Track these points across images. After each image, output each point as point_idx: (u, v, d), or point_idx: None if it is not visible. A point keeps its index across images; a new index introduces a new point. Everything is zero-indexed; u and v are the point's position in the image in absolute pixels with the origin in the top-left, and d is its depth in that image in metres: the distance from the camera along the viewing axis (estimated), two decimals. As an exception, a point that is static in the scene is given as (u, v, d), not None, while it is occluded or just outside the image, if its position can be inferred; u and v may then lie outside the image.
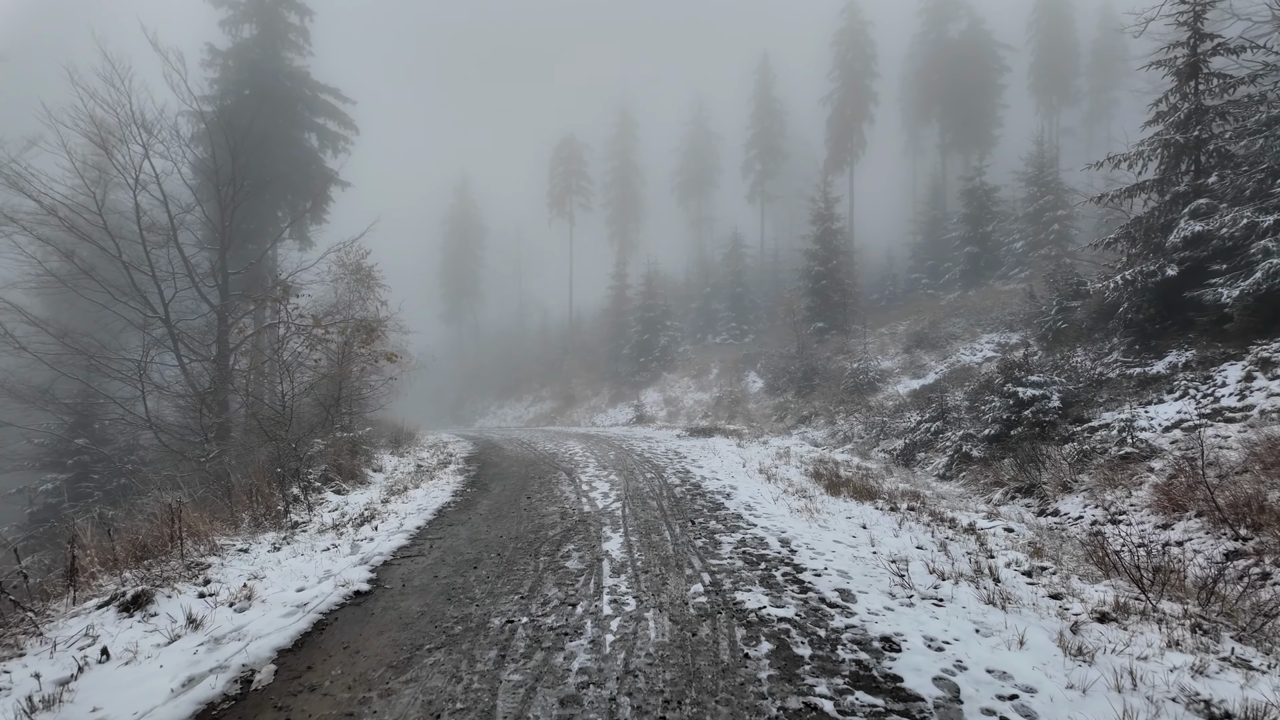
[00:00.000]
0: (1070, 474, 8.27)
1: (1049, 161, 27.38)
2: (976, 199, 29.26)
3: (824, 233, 29.81)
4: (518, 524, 7.15)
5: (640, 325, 36.67)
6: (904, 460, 12.20)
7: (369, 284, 21.43)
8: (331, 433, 11.43)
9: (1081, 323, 13.58)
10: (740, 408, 24.07)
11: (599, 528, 6.74)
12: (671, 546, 5.86)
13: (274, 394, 13.09)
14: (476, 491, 9.50)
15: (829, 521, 6.79)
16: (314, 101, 28.41)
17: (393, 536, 6.71)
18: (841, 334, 27.93)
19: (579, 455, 13.34)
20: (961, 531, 6.54)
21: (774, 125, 47.19)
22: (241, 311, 17.39)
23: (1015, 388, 10.75)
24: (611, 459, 12.45)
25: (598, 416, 32.43)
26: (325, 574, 5.51)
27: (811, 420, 18.05)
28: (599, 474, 10.51)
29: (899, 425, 14.36)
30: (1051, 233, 25.47)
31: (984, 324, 20.01)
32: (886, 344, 22.94)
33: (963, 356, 18.67)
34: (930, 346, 20.33)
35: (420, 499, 8.96)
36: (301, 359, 11.81)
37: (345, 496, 9.48)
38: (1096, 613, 4.29)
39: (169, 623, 4.35)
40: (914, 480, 10.53)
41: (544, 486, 9.61)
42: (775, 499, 8.02)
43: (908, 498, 8.20)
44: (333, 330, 11.68)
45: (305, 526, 7.97)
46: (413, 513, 8.04)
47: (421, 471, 11.43)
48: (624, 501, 8.09)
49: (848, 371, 20.23)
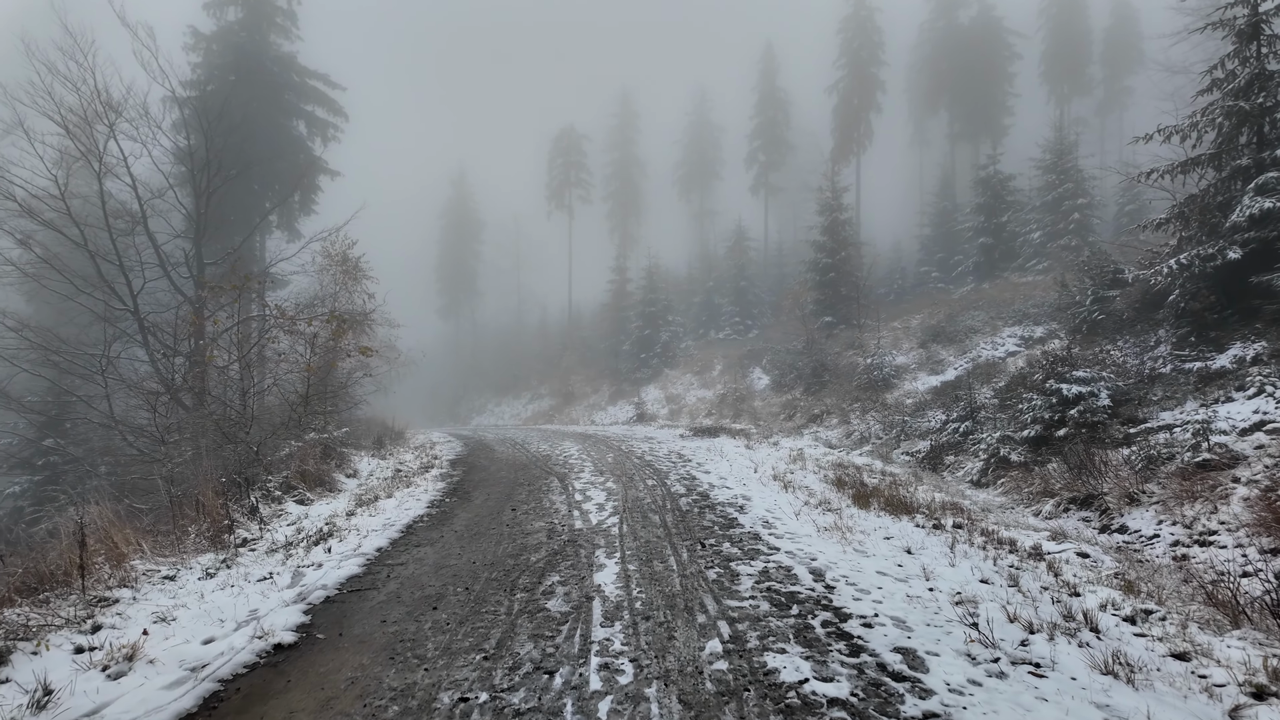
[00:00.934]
0: (1135, 483, 7.16)
1: (1068, 148, 26.19)
2: (990, 188, 28.08)
3: (832, 223, 28.64)
4: (496, 545, 6.07)
5: (641, 320, 35.55)
6: (931, 464, 11.11)
7: (356, 275, 20.37)
8: (302, 434, 10.35)
9: (1121, 313, 12.46)
10: (746, 405, 22.97)
11: (591, 551, 5.65)
12: (678, 579, 4.77)
13: (242, 391, 12.04)
14: (456, 502, 8.42)
15: (866, 544, 5.70)
16: (302, 87, 27.32)
17: (345, 562, 5.62)
18: (850, 328, 26.81)
19: (574, 458, 12.26)
20: (1026, 557, 5.44)
21: (778, 116, 45.95)
22: (217, 304, 16.34)
23: (1058, 384, 9.65)
24: (609, 462, 11.37)
25: (597, 414, 31.35)
26: (249, 615, 4.42)
27: (823, 419, 16.95)
28: (595, 480, 9.42)
29: (921, 425, 13.26)
30: (1071, 222, 24.32)
31: (1005, 317, 18.89)
32: (900, 338, 21.82)
33: (984, 351, 17.55)
34: (948, 341, 19.22)
35: (391, 511, 7.88)
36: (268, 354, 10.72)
37: (308, 508, 8.40)
38: (1249, 686, 3.20)
39: (9, 699, 3.26)
40: (946, 487, 9.44)
41: (533, 496, 8.53)
42: (797, 513, 6.93)
43: (950, 511, 7.11)
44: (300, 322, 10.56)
45: (255, 544, 6.90)
46: (378, 529, 6.96)
47: (399, 478, 10.35)
48: (622, 516, 7.00)
49: (860, 367, 19.12)
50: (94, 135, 14.01)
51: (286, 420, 10.30)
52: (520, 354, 49.36)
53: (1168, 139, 10.64)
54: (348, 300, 20.13)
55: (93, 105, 13.80)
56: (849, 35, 40.96)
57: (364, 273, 20.28)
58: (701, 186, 52.05)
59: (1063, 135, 26.90)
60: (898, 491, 8.07)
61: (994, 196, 28.09)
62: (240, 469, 9.02)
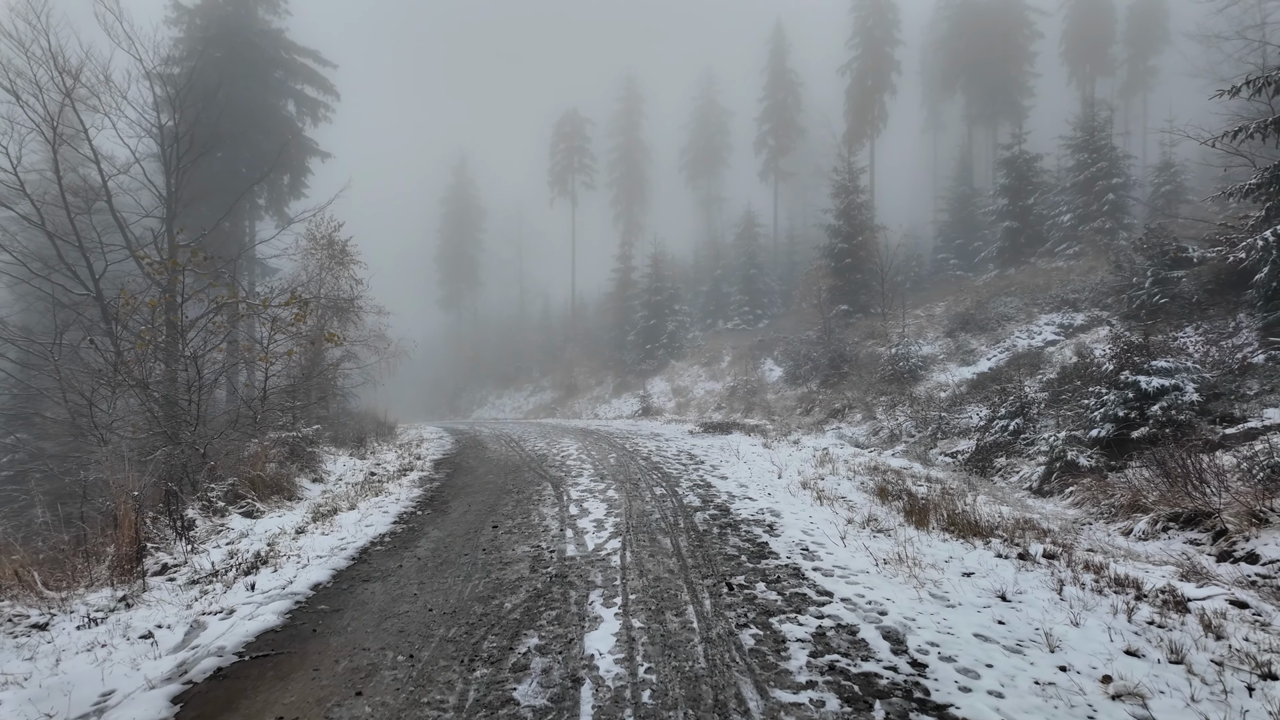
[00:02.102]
0: (1259, 498, 5.80)
1: (1101, 125, 24.59)
2: (1016, 169, 26.48)
3: (848, 206, 27.17)
4: (465, 581, 4.75)
5: (646, 310, 34.15)
6: (978, 467, 9.74)
7: (342, 259, 19.09)
8: (260, 433, 9.06)
9: (1191, 296, 11.04)
10: (758, 399, 21.61)
11: (585, 594, 4.33)
12: (701, 647, 3.44)
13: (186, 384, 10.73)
14: (430, 515, 7.11)
15: (944, 584, 4.36)
16: (291, 65, 25.97)
17: (265, 608, 4.31)
18: (869, 317, 25.39)
19: (573, 458, 10.95)
20: (1163, 606, 4.08)
21: (789, 98, 44.30)
22: (188, 289, 15.06)
23: (1135, 376, 8.26)
24: (612, 464, 10.05)
25: (600, 408, 30.05)
26: (94, 706, 3.13)
27: (845, 414, 15.57)
28: (594, 487, 8.11)
29: (960, 422, 11.89)
30: (1105, 203, 22.78)
31: (1041, 303, 17.44)
32: (924, 327, 20.40)
33: (1019, 340, 16.13)
34: (978, 329, 17.79)
35: (349, 529, 6.57)
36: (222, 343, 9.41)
37: (256, 522, 7.11)
38: None
39: None
40: (1004, 497, 8.09)
41: (521, 508, 7.22)
42: (842, 536, 5.59)
43: (1029, 532, 5.76)
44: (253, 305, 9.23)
45: (176, 572, 5.63)
46: (324, 555, 5.65)
47: (371, 483, 9.06)
48: (625, 538, 5.68)
49: (884, 358, 17.73)
50: (46, 103, 12.71)
51: (238, 418, 8.99)
52: (522, 345, 48.08)
53: (1258, 91, 9.16)
54: (334, 286, 18.86)
55: (46, 69, 12.50)
56: (863, 14, 39.22)
57: (351, 257, 19.00)
58: (708, 172, 50.50)
59: (1094, 112, 25.27)
60: (955, 505, 6.72)
61: (1019, 178, 26.51)
62: (180, 475, 7.74)
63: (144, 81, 17.07)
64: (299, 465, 9.94)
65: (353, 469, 10.66)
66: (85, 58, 13.27)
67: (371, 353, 19.53)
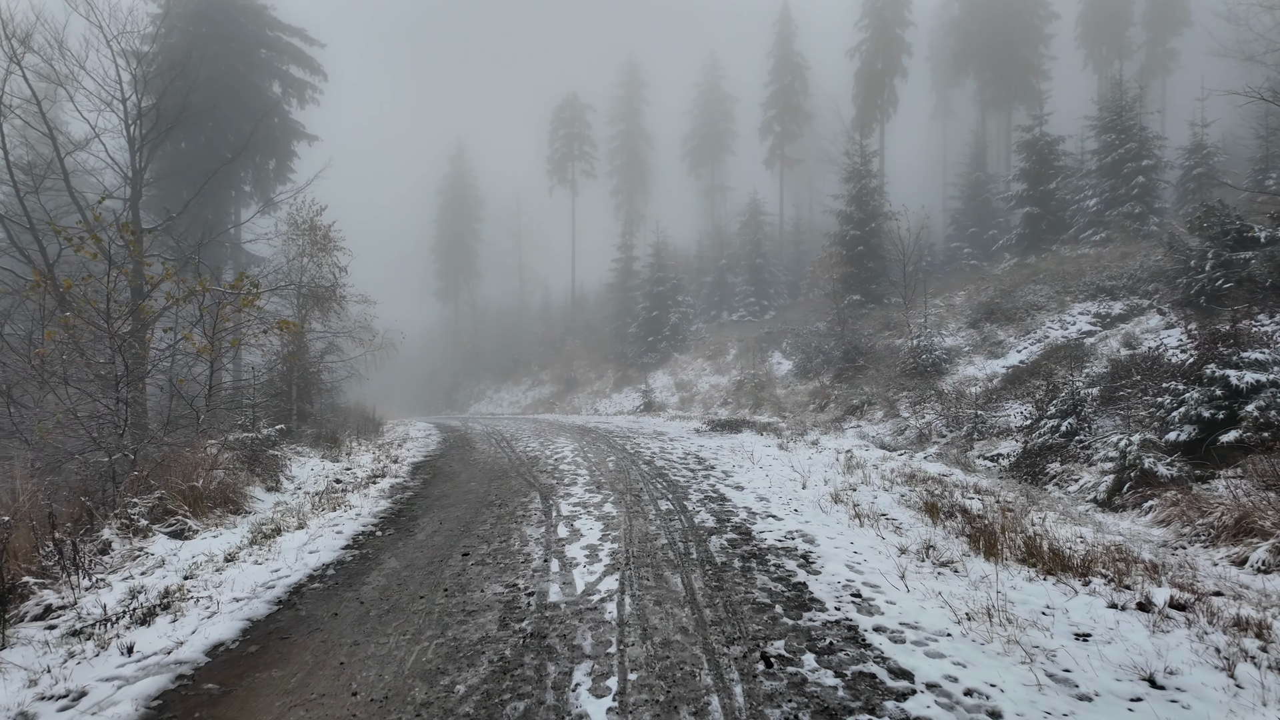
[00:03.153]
0: None
1: (1129, 104, 23.24)
2: (1037, 152, 25.17)
3: (859, 191, 25.92)
4: (411, 644, 3.58)
5: (648, 301, 32.93)
6: (1027, 473, 8.53)
7: (326, 246, 17.89)
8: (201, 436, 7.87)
9: (1264, 279, 9.81)
10: (767, 394, 20.42)
11: (568, 671, 3.15)
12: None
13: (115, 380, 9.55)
14: (390, 538, 5.94)
15: (1061, 658, 3.17)
16: (277, 43, 24.69)
17: (120, 695, 3.14)
18: (882, 308, 24.19)
19: (568, 461, 9.78)
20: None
21: (795, 82, 42.87)
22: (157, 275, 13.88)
23: (1222, 370, 7.05)
24: (610, 470, 8.88)
25: (600, 403, 28.89)
26: None
27: (864, 411, 14.38)
28: (589, 500, 6.93)
29: (998, 420, 10.68)
30: (1135, 186, 21.47)
31: (1073, 291, 16.20)
32: (944, 318, 19.17)
33: (1051, 331, 14.92)
34: (1005, 319, 16.56)
35: (289, 555, 5.40)
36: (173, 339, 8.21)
37: (184, 544, 5.94)
38: None
39: None
40: (1070, 512, 6.89)
41: (501, 526, 6.05)
42: (902, 574, 4.39)
43: (1134, 567, 4.57)
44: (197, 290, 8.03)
45: (59, 616, 4.47)
46: (247, 594, 4.48)
47: (332, 494, 7.88)
48: (623, 572, 4.51)
49: (905, 349, 16.54)
50: (-13, 69, 11.51)
51: (170, 418, 7.80)
52: (521, 338, 46.90)
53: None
54: (316, 273, 17.67)
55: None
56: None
57: (334, 243, 17.80)
58: (712, 160, 49.13)
59: (1122, 90, 23.91)
60: (1021, 524, 5.54)
61: (1040, 161, 25.19)
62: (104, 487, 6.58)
63: (105, 50, 15.80)
64: (258, 471, 8.78)
65: (321, 474, 9.49)
66: (36, 21, 12.12)
67: (356, 345, 18.33)
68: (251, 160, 24.25)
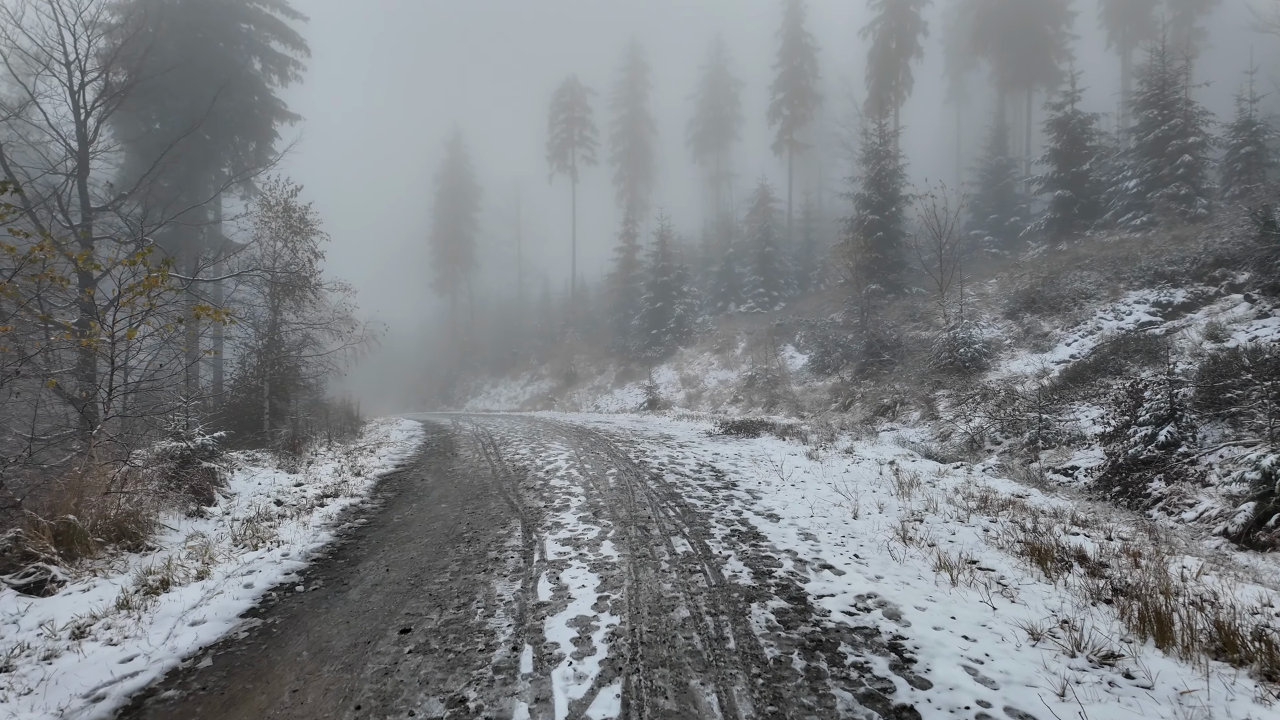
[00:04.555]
0: None
1: (1172, 78, 21.51)
2: (1068, 131, 23.45)
3: (878, 174, 24.24)
4: None
5: (652, 292, 31.32)
6: (1123, 495, 6.96)
7: (301, 230, 16.32)
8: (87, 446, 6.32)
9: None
10: (781, 391, 18.85)
11: None
12: None
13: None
14: (311, 599, 4.39)
15: None
16: (256, 16, 23.01)
17: None
18: (901, 297, 22.58)
19: (561, 475, 8.24)
20: None
21: (805, 64, 41.03)
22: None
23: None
24: (611, 487, 7.34)
25: (601, 399, 27.34)
26: None
27: (897, 412, 12.80)
28: (583, 535, 5.38)
29: (1065, 425, 9.10)
30: (1180, 165, 19.77)
31: (1127, 277, 14.56)
32: (978, 308, 17.55)
33: (1105, 321, 13.32)
34: (1048, 309, 14.93)
35: (162, 628, 3.85)
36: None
37: (34, 602, 4.40)
38: None
39: None
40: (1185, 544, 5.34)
41: (463, 580, 4.50)
42: (1059, 688, 2.84)
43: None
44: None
45: None
46: (60, 711, 2.96)
47: (266, 519, 6.34)
48: (627, 682, 2.96)
49: (938, 342, 14.95)
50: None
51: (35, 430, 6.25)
52: (520, 331, 45.33)
53: None
54: (290, 259, 16.14)
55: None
56: (888, -32, 35.98)
57: (311, 226, 16.25)
58: (718, 146, 47.34)
59: (1166, 60, 22.16)
60: (1169, 580, 3.99)
61: (1072, 141, 23.50)
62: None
63: (45, 5, 14.18)
64: (187, 490, 7.25)
65: (265, 492, 7.95)
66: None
67: (335, 337, 16.78)
68: (230, 140, 22.64)
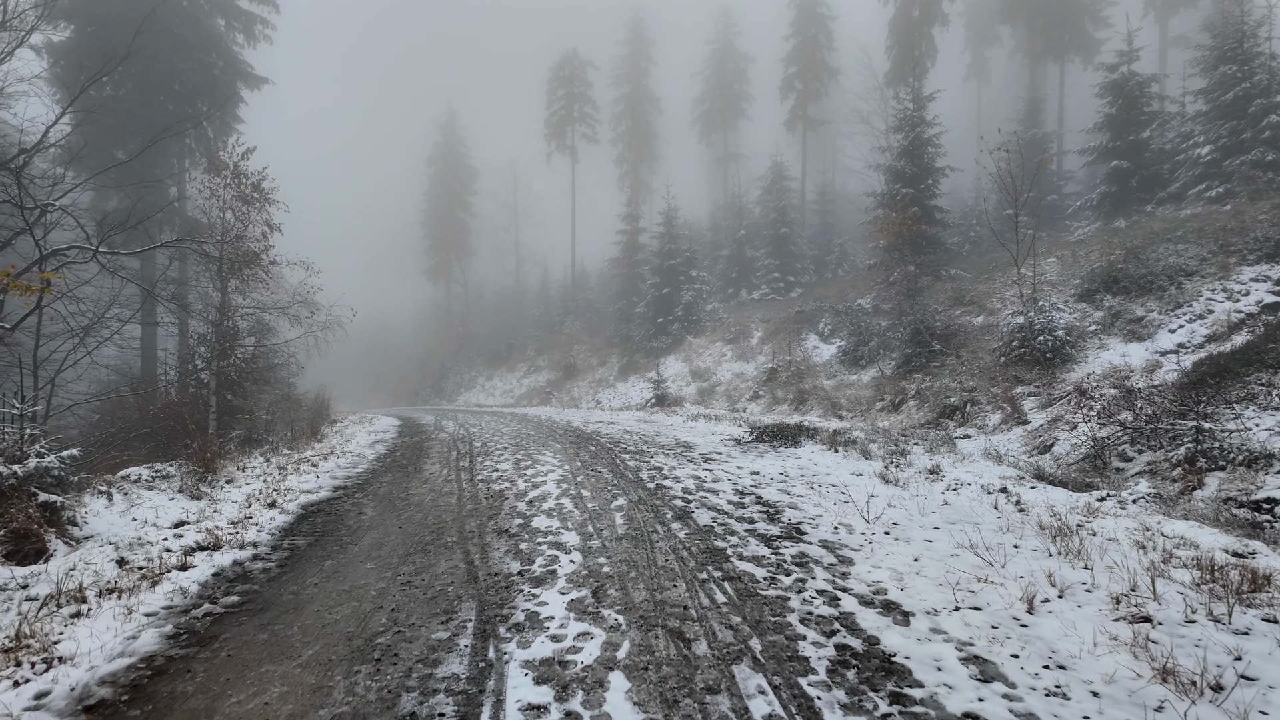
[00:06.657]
0: None
1: (1251, 30, 18.96)
2: (1125, 95, 20.87)
3: (913, 143, 21.70)
4: None
5: (658, 277, 28.86)
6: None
7: (254, 199, 13.91)
8: None
9: None
10: (810, 386, 16.43)
11: None
12: None
13: None
14: None
15: None
16: (215, -34, 20.44)
17: None
18: (939, 280, 20.16)
19: (549, 508, 5.87)
20: None
21: (820, 35, 38.31)
22: None
23: None
24: (620, 535, 4.95)
25: (604, 393, 24.95)
26: None
27: (969, 415, 10.40)
28: (574, 648, 2.99)
29: (1234, 439, 6.72)
30: (1265, 127, 17.27)
31: (1237, 250, 12.13)
32: (1043, 290, 15.11)
33: (1215, 303, 10.91)
34: (1139, 290, 12.51)
35: None
36: None
37: None
38: None
39: None
40: None
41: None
42: None
43: None
44: None
45: None
46: None
47: (71, 603, 4.00)
48: None
49: (1006, 329, 12.55)
50: None
51: None
52: (517, 320, 42.90)
53: None
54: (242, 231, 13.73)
55: None
56: (912, -74, 33.25)
57: (266, 195, 13.84)
58: (725, 125, 44.66)
59: (1242, 10, 19.60)
60: None
61: (1128, 106, 20.92)
62: None
63: None
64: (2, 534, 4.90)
65: (125, 537, 5.58)
66: None
67: (291, 322, 14.35)
68: (194, 107, 20.10)
